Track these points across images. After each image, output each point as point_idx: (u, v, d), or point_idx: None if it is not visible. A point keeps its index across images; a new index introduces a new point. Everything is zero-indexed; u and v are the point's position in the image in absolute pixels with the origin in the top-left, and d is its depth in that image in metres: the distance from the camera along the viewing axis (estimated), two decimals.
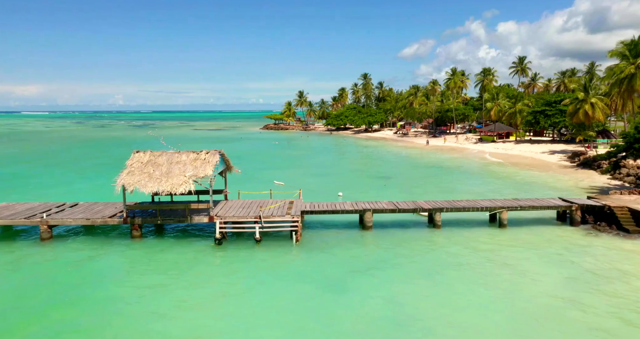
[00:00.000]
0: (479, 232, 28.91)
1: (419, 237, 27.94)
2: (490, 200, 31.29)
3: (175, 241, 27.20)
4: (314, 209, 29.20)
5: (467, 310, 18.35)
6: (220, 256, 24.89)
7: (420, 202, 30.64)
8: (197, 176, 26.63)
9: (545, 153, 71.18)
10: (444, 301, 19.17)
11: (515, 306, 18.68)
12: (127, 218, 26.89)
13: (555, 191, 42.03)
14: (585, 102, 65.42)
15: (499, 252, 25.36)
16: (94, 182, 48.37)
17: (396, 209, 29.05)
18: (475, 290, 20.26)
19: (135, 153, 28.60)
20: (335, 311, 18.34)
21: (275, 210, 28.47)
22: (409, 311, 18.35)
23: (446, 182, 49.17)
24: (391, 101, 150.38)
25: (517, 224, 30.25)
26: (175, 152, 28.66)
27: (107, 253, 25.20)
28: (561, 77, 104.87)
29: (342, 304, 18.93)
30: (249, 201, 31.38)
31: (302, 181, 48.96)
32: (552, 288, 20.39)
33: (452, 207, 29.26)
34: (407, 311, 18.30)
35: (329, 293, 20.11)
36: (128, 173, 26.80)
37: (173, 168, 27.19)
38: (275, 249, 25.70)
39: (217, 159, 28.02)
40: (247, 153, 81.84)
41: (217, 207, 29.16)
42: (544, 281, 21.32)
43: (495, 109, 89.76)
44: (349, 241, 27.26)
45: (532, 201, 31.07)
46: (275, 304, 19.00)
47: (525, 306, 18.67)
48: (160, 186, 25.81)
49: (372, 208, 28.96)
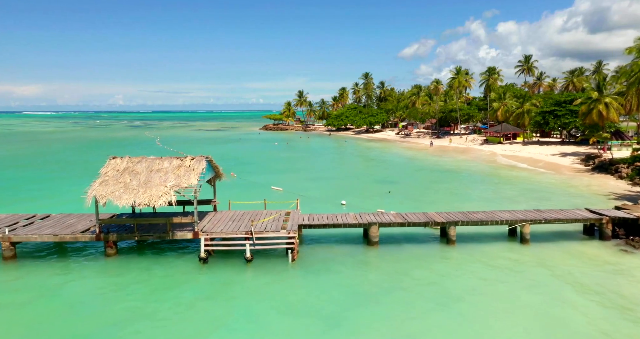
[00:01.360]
0: (498, 249, 25.65)
1: (431, 255, 24.68)
2: (510, 211, 28.02)
3: (154, 259, 23.94)
4: (312, 222, 25.94)
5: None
6: (205, 280, 21.62)
7: (432, 214, 27.38)
8: (180, 185, 23.38)
9: (556, 155, 67.89)
10: (463, 337, 15.99)
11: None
12: (100, 234, 23.65)
13: (574, 199, 38.79)
14: (599, 102, 62.04)
15: (523, 273, 22.11)
16: (78, 188, 45.05)
17: (405, 222, 25.78)
18: (502, 323, 17.02)
19: (111, 160, 25.36)
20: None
21: (269, 224, 25.22)
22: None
23: (455, 188, 45.91)
24: (393, 101, 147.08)
25: (539, 239, 27.00)
26: (157, 159, 25.41)
27: (75, 277, 21.92)
28: (570, 77, 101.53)
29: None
30: (240, 212, 28.11)
31: (301, 186, 45.84)
32: (593, 320, 17.14)
33: (468, 221, 25.99)
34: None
35: (327, 327, 16.88)
36: (101, 183, 23.55)
37: (153, 177, 23.94)
38: (268, 270, 22.44)
39: (204, 166, 24.78)
40: (244, 155, 78.64)
41: (203, 220, 25.91)
42: (581, 310, 18.08)
43: (502, 109, 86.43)
44: (352, 260, 24.01)
45: (556, 212, 27.81)
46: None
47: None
48: (136, 197, 22.56)
49: (378, 221, 25.70)
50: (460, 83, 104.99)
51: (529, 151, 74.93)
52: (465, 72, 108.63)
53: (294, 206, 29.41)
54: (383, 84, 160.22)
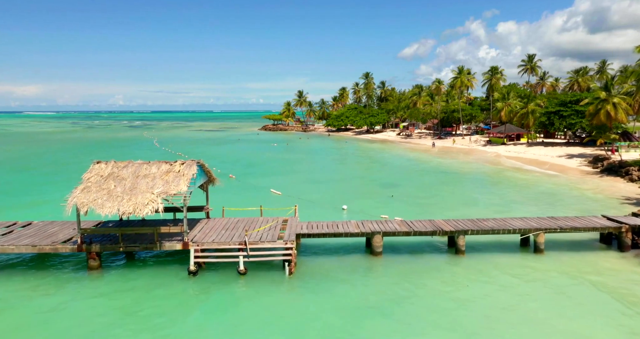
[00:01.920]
0: (511, 260, 23.89)
1: (438, 267, 22.92)
2: (523, 219, 26.25)
3: (141, 272, 22.18)
4: (312, 230, 24.19)
5: None
6: (193, 296, 19.87)
7: (439, 222, 25.62)
8: (168, 193, 21.64)
9: (563, 157, 66.13)
10: None
11: None
12: (81, 245, 21.90)
13: (585, 204, 37.06)
14: (607, 102, 60.40)
15: (542, 289, 20.34)
16: (68, 192, 43.34)
17: (411, 231, 24.02)
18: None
19: (95, 164, 23.64)
20: None
21: (265, 233, 23.46)
22: None
23: (460, 191, 44.15)
24: (394, 101, 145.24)
25: (554, 248, 25.23)
26: (144, 163, 23.67)
27: (52, 292, 20.17)
28: (574, 76, 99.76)
29: None
30: (234, 220, 26.35)
31: (300, 189, 44.15)
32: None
33: (478, 230, 24.22)
34: None
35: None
36: (83, 189, 21.81)
37: (139, 183, 22.19)
38: (263, 284, 20.70)
39: (195, 172, 23.04)
40: (243, 157, 76.92)
41: (194, 229, 24.16)
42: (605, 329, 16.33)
43: (506, 109, 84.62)
44: (354, 273, 22.26)
45: (572, 220, 26.05)
46: None
47: None
48: (120, 206, 20.82)
49: (382, 230, 23.94)
50: (463, 83, 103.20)
51: (534, 152, 73.18)
52: (467, 71, 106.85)
53: (292, 212, 27.65)
54: (384, 83, 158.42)
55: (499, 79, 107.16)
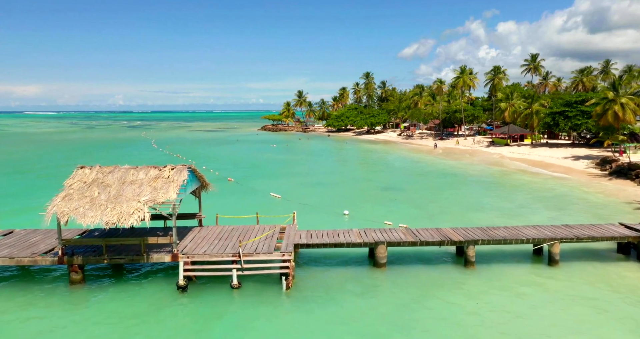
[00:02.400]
0: (524, 272, 22.32)
1: (447, 280, 21.32)
2: (536, 227, 24.64)
3: (126, 286, 20.59)
4: (311, 240, 22.60)
5: None
6: (182, 313, 18.28)
7: (447, 230, 24.03)
8: (156, 201, 20.04)
9: (569, 159, 64.51)
10: None
11: None
12: (62, 257, 20.31)
13: (596, 209, 35.50)
14: (614, 102, 58.76)
15: (558, 304, 18.77)
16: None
17: (417, 241, 22.43)
18: None
19: (78, 169, 22.06)
20: None
21: (261, 243, 21.86)
22: None
23: (465, 194, 42.56)
24: (394, 101, 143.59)
25: (569, 259, 23.64)
26: (132, 168, 22.10)
27: (29, 308, 18.60)
28: (579, 76, 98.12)
29: None
30: (228, 228, 24.74)
31: (300, 193, 42.65)
32: None
33: (489, 240, 22.63)
34: None
35: None
36: (64, 197, 20.23)
37: (125, 190, 20.61)
38: (258, 300, 19.12)
39: (185, 177, 21.46)
40: (242, 158, 75.35)
41: (185, 239, 22.57)
42: None
43: (510, 109, 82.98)
44: (357, 286, 20.67)
45: (588, 228, 24.46)
46: None
47: None
48: (103, 215, 19.23)
49: (386, 240, 22.35)
50: (465, 83, 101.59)
51: (539, 153, 71.58)
52: (469, 71, 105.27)
53: (290, 220, 26.04)
54: (384, 83, 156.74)
55: (501, 79, 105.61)
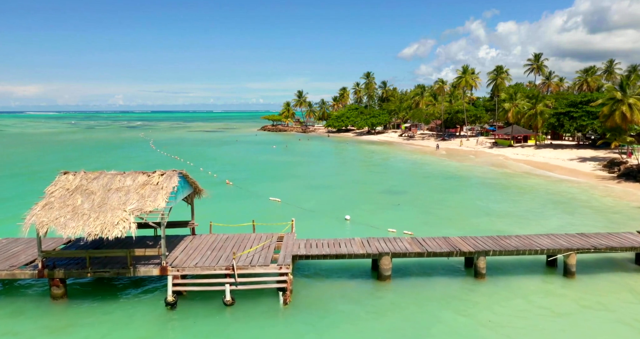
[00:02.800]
0: (538, 285, 20.86)
1: (456, 294, 19.87)
2: (550, 237, 23.17)
3: (112, 302, 19.11)
4: (310, 251, 21.13)
5: None
6: (169, 333, 16.83)
7: (455, 240, 22.57)
8: (143, 209, 18.57)
9: (575, 160, 63.05)
10: None
11: None
12: (43, 270, 18.85)
13: (608, 214, 34.09)
14: (622, 103, 57.31)
15: (577, 320, 17.39)
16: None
17: (424, 252, 20.97)
18: None
19: (61, 175, 20.60)
20: None
21: (257, 255, 20.40)
22: None
23: (470, 198, 41.11)
24: (395, 101, 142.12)
25: (586, 270, 22.14)
26: (118, 174, 20.62)
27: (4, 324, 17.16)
28: (583, 76, 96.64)
29: None
30: (222, 237, 23.27)
31: (300, 196, 41.29)
32: None
33: (500, 250, 21.16)
34: None
35: None
36: (44, 206, 18.76)
37: (110, 198, 19.15)
38: (252, 317, 17.66)
39: (176, 184, 19.99)
40: (241, 160, 73.92)
41: (176, 249, 21.10)
42: None
43: (514, 110, 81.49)
44: (360, 301, 19.22)
45: (605, 237, 23.00)
46: None
47: None
48: (86, 225, 17.76)
49: (391, 251, 20.88)
50: (467, 82, 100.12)
51: (544, 155, 70.10)
52: (471, 71, 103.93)
53: (289, 228, 24.57)
54: (385, 83, 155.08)
55: (504, 79, 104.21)
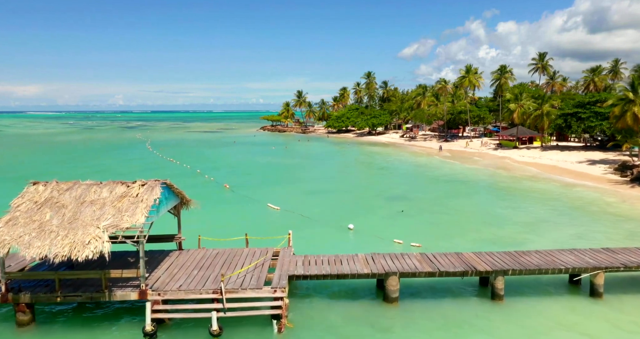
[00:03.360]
0: (563, 306, 18.70)
1: (472, 318, 17.71)
2: (574, 252, 20.98)
3: (84, 330, 16.93)
4: (309, 271, 18.93)
5: None
6: None
7: (469, 256, 20.41)
8: (119, 226, 16.39)
9: (584, 163, 60.85)
10: None
11: None
12: (6, 294, 16.70)
13: (626, 223, 31.95)
14: (634, 103, 55.17)
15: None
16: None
17: (435, 271, 18.80)
18: None
19: (30, 186, 18.45)
20: None
21: (248, 275, 18.24)
22: None
23: (478, 205, 38.95)
24: (396, 102, 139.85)
25: (613, 290, 20.00)
26: (94, 184, 18.45)
27: None
28: (590, 76, 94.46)
29: None
30: (212, 252, 21.11)
31: (300, 202, 39.32)
32: None
33: (521, 269, 18.99)
34: None
35: None
36: (8, 221, 16.61)
37: (83, 212, 16.99)
38: None
39: (157, 196, 17.83)
40: (239, 161, 71.84)
41: (159, 267, 18.95)
42: None
43: (519, 110, 79.29)
44: (364, 329, 17.05)
45: (635, 253, 20.81)
46: None
47: None
48: (52, 245, 15.59)
49: (399, 270, 18.72)
50: (471, 82, 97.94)
51: (551, 157, 67.89)
52: (475, 70, 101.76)
53: (285, 242, 22.41)
54: (386, 83, 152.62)
55: (507, 79, 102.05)
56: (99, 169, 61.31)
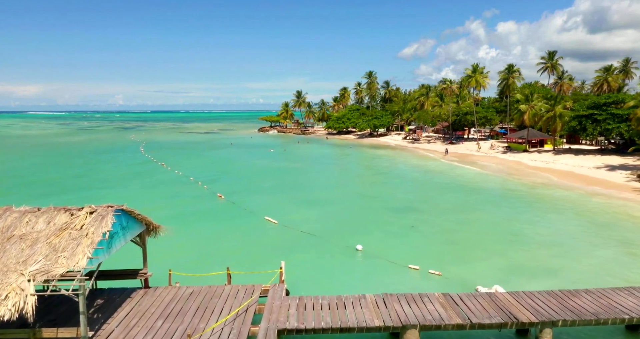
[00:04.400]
0: None
1: None
2: (632, 292, 16.89)
3: None
4: (304, 322, 14.85)
5: None
6: None
7: (504, 297, 16.34)
8: (51, 272, 12.35)
9: (602, 169, 56.76)
10: None
11: None
12: None
13: None
14: None
15: None
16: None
17: (466, 324, 14.74)
18: None
19: None
20: None
21: (226, 329, 14.19)
22: None
23: (497, 218, 34.90)
24: (399, 102, 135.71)
25: None
26: (30, 212, 14.43)
27: None
28: (603, 75, 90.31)
29: None
30: (185, 292, 17.03)
31: (299, 214, 35.70)
32: None
33: (574, 320, 14.92)
34: None
35: None
36: None
37: (7, 252, 12.96)
38: None
39: (108, 228, 13.79)
40: (235, 166, 67.80)
41: (113, 318, 14.87)
42: None
43: (530, 112, 75.17)
44: None
45: None
46: None
47: None
48: None
49: (420, 322, 14.67)
50: (478, 82, 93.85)
51: (565, 162, 63.79)
52: (481, 70, 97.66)
53: (277, 276, 18.37)
54: (388, 83, 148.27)
55: (515, 79, 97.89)
56: (78, 174, 57.34)
